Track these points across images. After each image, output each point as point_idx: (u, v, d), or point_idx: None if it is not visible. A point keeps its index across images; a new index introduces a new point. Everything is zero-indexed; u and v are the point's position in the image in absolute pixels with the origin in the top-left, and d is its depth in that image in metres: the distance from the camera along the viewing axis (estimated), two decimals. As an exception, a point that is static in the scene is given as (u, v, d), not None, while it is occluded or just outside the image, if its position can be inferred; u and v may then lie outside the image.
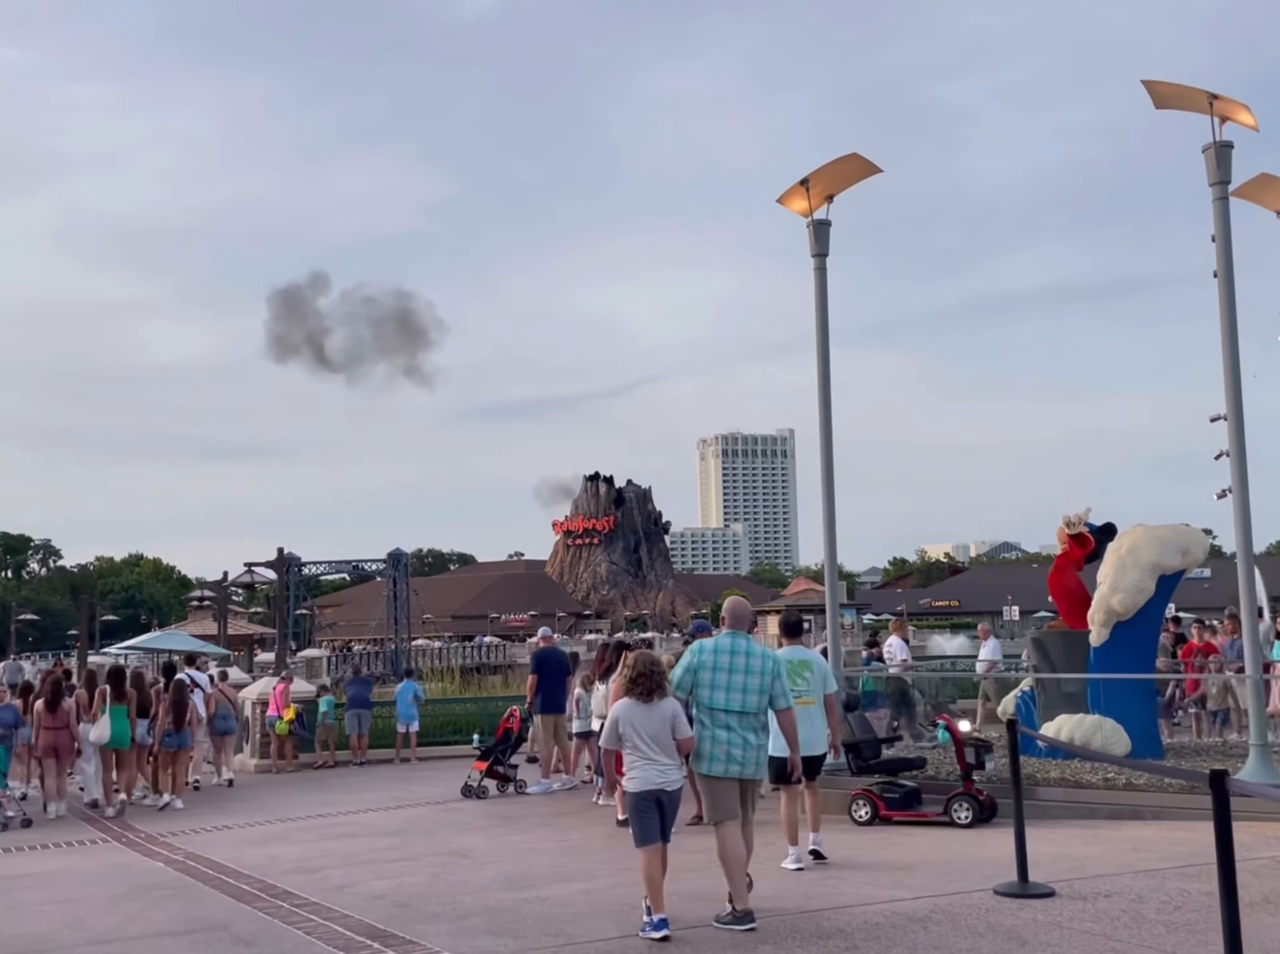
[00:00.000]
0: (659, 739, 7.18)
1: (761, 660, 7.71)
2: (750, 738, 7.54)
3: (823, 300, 13.05)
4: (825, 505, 12.89)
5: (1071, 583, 13.14)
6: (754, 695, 7.58)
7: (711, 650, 7.69)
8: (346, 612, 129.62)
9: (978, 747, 11.13)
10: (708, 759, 7.47)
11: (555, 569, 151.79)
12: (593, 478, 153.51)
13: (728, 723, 7.49)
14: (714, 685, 7.54)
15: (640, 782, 7.17)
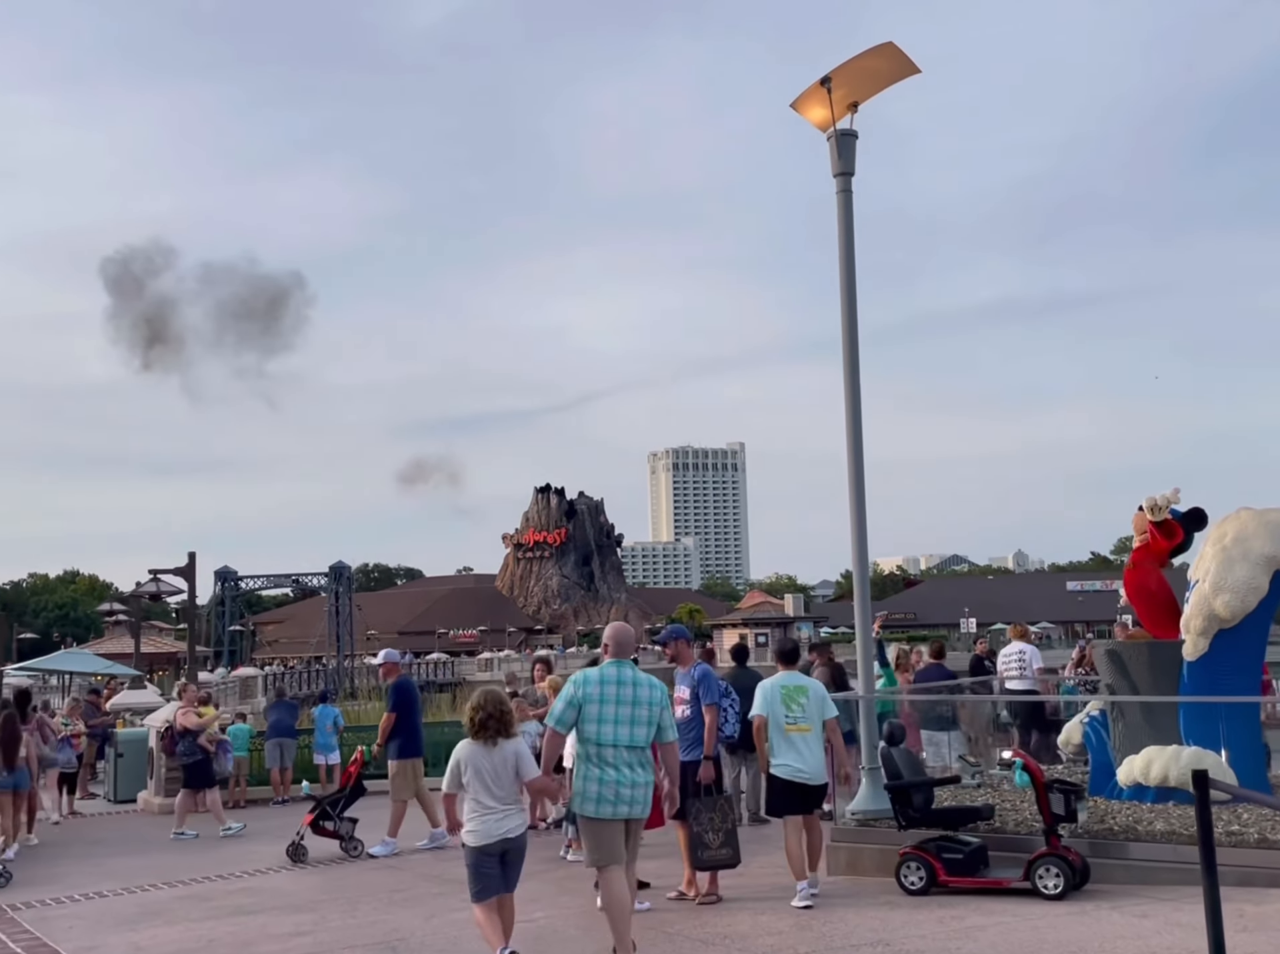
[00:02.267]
0: (502, 783, 6.92)
1: (649, 690, 7.34)
2: (639, 774, 7.17)
3: (848, 231, 10.51)
4: (853, 484, 10.32)
5: (1154, 582, 10.64)
6: (643, 728, 7.23)
7: (597, 681, 7.27)
8: (289, 628, 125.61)
9: (1068, 793, 8.56)
10: (594, 800, 7.07)
11: (505, 583, 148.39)
12: (543, 490, 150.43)
13: (616, 760, 7.11)
14: (601, 719, 7.16)
15: (480, 835, 6.85)
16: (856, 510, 10.47)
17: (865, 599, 10.42)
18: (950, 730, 13.06)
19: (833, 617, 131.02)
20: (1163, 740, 10.17)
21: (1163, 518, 10.39)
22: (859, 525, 10.48)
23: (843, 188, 10.46)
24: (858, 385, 10.56)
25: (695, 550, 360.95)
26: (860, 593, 10.46)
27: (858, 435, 10.50)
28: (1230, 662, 9.98)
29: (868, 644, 10.40)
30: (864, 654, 10.37)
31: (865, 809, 10.03)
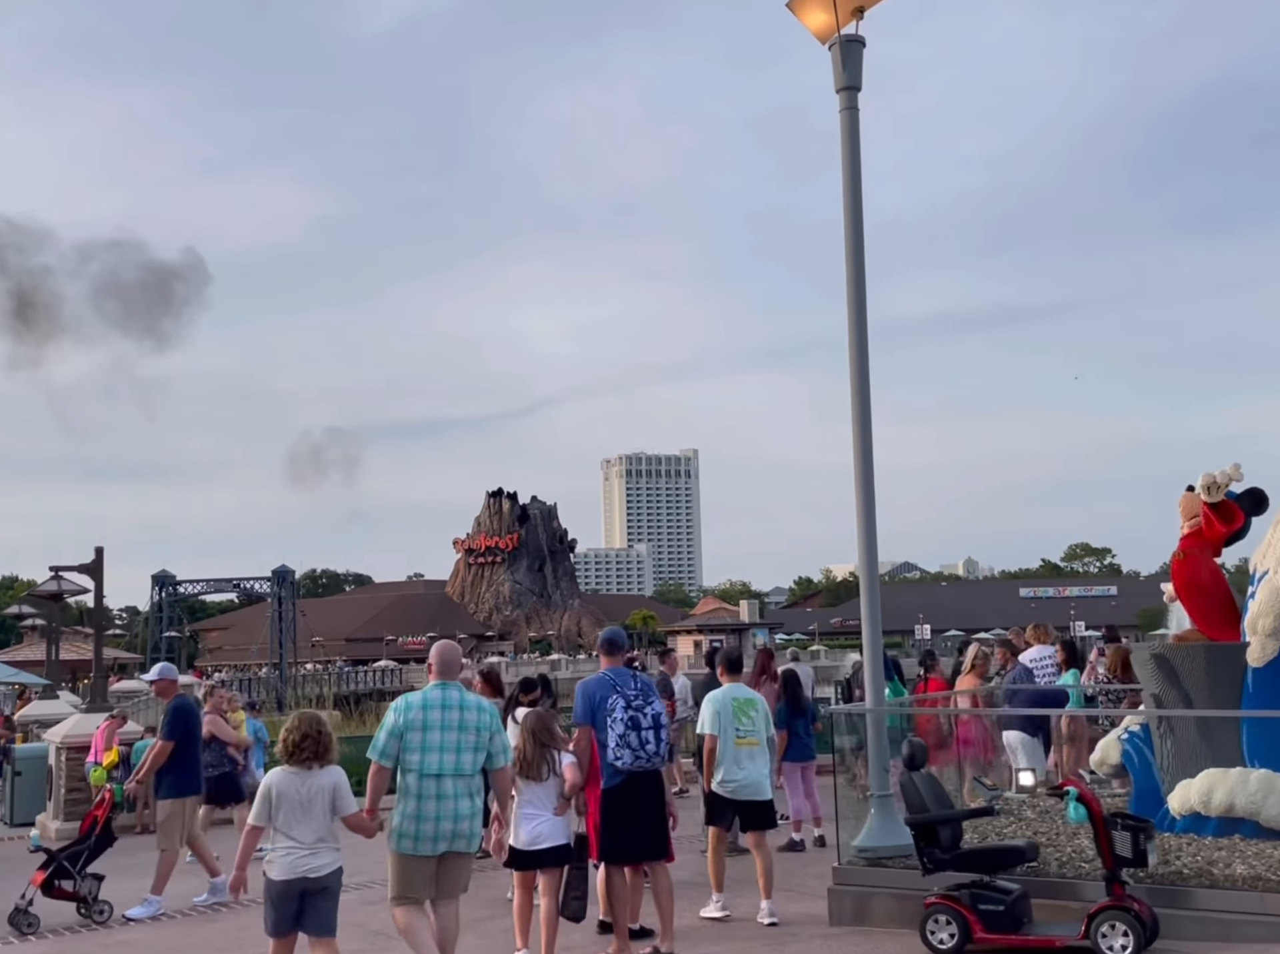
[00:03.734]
0: (313, 816, 6.42)
1: (478, 714, 7.05)
2: (464, 805, 6.86)
3: (853, 156, 8.89)
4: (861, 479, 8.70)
5: (1207, 574, 9.09)
6: (469, 754, 6.93)
7: (420, 706, 6.94)
8: (234, 635, 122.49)
9: (1135, 830, 6.95)
10: (411, 837, 6.72)
11: (456, 589, 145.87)
12: (495, 494, 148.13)
13: (439, 790, 6.78)
14: (425, 747, 6.82)
15: (282, 869, 6.36)
16: (865, 510, 8.87)
17: (875, 606, 8.79)
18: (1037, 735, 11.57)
19: (787, 623, 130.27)
20: (1222, 761, 8.62)
21: (1219, 499, 8.85)
22: (867, 526, 8.87)
23: (848, 104, 8.83)
24: (864, 341, 8.95)
25: (648, 557, 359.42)
26: (869, 599, 8.83)
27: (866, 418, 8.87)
28: (1305, 667, 8.46)
29: (876, 653, 8.76)
30: (872, 664, 8.73)
31: (875, 845, 8.39)
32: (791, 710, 12.19)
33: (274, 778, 6.48)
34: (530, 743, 7.72)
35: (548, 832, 7.60)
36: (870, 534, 8.92)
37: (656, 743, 8.01)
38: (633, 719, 8.06)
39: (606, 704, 8.13)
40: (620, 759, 8.04)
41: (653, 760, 8.01)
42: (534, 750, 7.68)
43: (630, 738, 8.01)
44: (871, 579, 8.89)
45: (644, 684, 8.26)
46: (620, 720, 8.06)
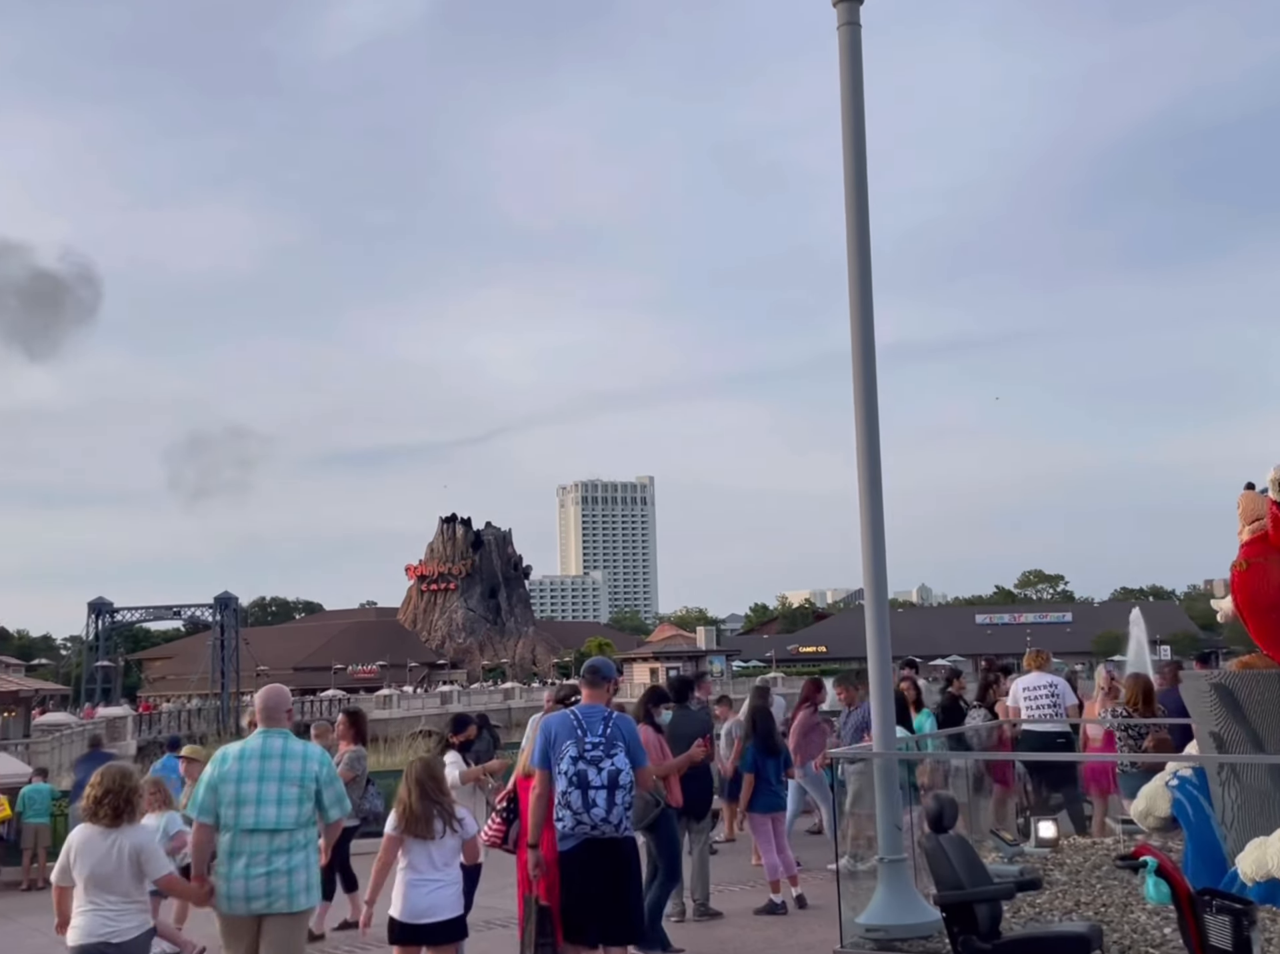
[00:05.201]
0: (117, 877, 5.90)
1: (303, 763, 6.31)
2: (280, 861, 6.10)
3: (855, 79, 7.40)
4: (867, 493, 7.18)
5: (1274, 588, 7.61)
6: (292, 807, 6.19)
7: (236, 756, 6.29)
8: (178, 665, 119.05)
9: (1235, 913, 5.40)
10: (225, 896, 6.10)
11: (408, 616, 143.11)
12: (449, 520, 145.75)
13: (253, 846, 6.10)
14: (239, 800, 6.16)
15: (81, 933, 5.89)
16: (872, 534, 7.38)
17: (884, 632, 7.23)
18: None
19: (744, 649, 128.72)
20: (1301, 814, 7.13)
21: (1292, 497, 7.38)
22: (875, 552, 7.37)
23: (848, 18, 7.35)
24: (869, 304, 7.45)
25: (604, 583, 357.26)
26: (877, 626, 7.28)
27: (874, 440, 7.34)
28: (1403, 701, 6.99)
29: (886, 687, 7.16)
30: (881, 699, 7.13)
31: (886, 924, 6.79)
32: (762, 751, 10.56)
33: (74, 836, 6.11)
34: (415, 795, 6.60)
35: (439, 902, 6.47)
36: (879, 559, 7.43)
37: (608, 806, 6.54)
38: (580, 775, 6.60)
39: (559, 750, 6.71)
40: (561, 821, 6.64)
41: (600, 827, 6.56)
42: (421, 804, 6.60)
43: (572, 797, 6.58)
44: (880, 605, 7.35)
45: (615, 731, 6.73)
46: (565, 774, 6.63)
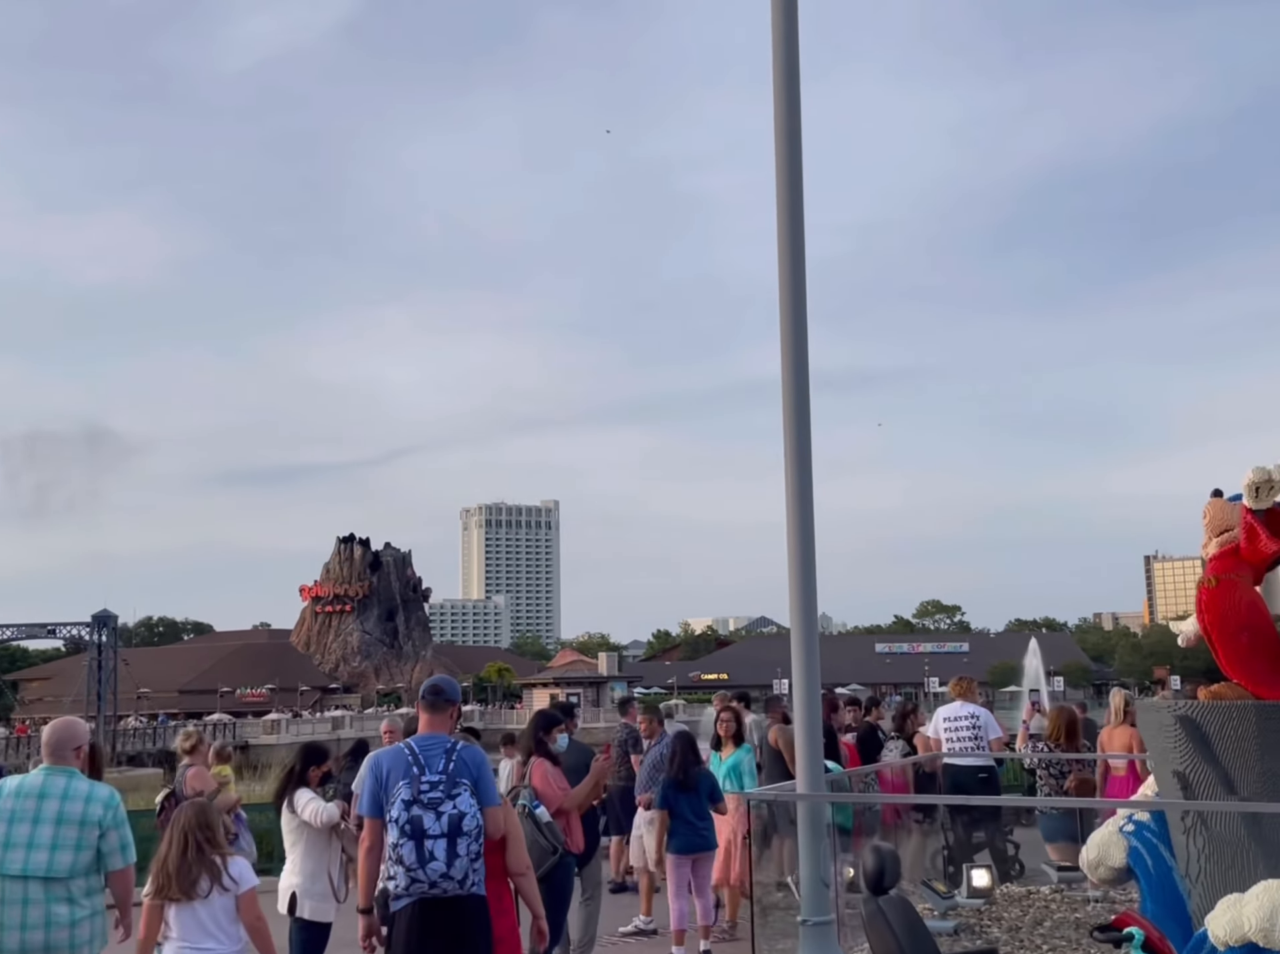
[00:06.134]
0: None
1: (84, 805, 5.73)
2: (57, 911, 5.54)
3: (789, 21, 6.35)
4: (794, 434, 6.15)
5: (1248, 608, 6.71)
6: (67, 853, 5.62)
7: (12, 794, 5.79)
8: (56, 685, 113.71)
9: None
10: None
11: (301, 639, 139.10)
12: (347, 540, 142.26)
13: (25, 894, 5.54)
14: (7, 842, 5.65)
15: None
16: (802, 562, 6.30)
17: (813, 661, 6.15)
18: None
19: (646, 676, 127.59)
20: (1275, 867, 6.20)
21: (1270, 504, 6.49)
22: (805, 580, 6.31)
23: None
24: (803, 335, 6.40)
25: (506, 608, 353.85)
26: (805, 655, 6.19)
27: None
28: (1395, 738, 6.11)
29: (814, 720, 6.04)
30: (808, 732, 6.01)
31: None
32: (676, 785, 9.36)
33: None
34: (179, 846, 5.61)
35: None
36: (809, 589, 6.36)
37: (448, 858, 5.34)
38: (413, 821, 5.41)
39: (390, 792, 5.53)
40: (393, 879, 5.44)
41: (439, 884, 5.36)
42: (181, 857, 5.58)
43: (404, 849, 5.38)
44: (810, 635, 6.27)
45: (460, 766, 5.55)
46: (396, 821, 5.43)
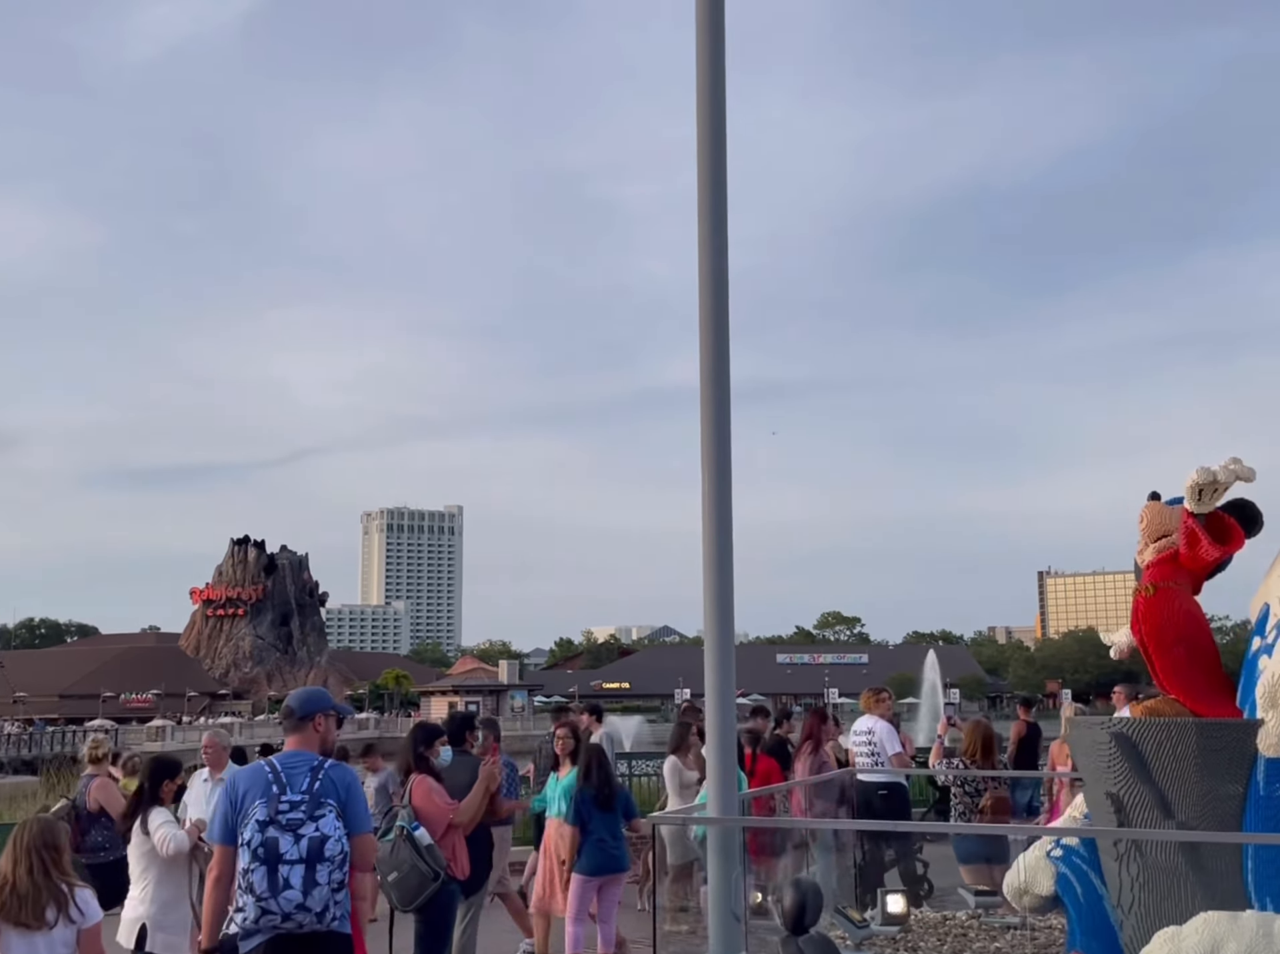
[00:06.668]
0: None
1: None
2: None
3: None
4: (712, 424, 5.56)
5: (1187, 618, 6.28)
6: None
7: None
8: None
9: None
10: None
11: (191, 643, 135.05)
12: (241, 542, 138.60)
13: None
14: None
15: None
16: (719, 571, 5.63)
17: (728, 668, 5.53)
18: None
19: (547, 685, 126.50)
20: (1217, 896, 5.77)
21: (1213, 509, 6.07)
22: (722, 577, 5.65)
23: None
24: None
25: (406, 614, 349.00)
26: (721, 667, 5.58)
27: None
28: (1345, 759, 5.71)
29: (728, 736, 5.41)
30: (721, 750, 5.38)
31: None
32: (593, 801, 8.64)
33: None
34: (24, 867, 4.93)
35: None
36: (725, 597, 5.73)
37: (306, 887, 4.66)
38: (268, 844, 4.73)
39: (245, 813, 4.88)
40: (241, 910, 4.75)
41: (294, 917, 4.67)
42: (29, 881, 4.91)
43: (255, 875, 4.70)
44: (725, 647, 5.64)
45: (326, 786, 4.86)
46: (248, 844, 4.76)
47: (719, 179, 5.83)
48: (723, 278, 5.82)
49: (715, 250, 5.76)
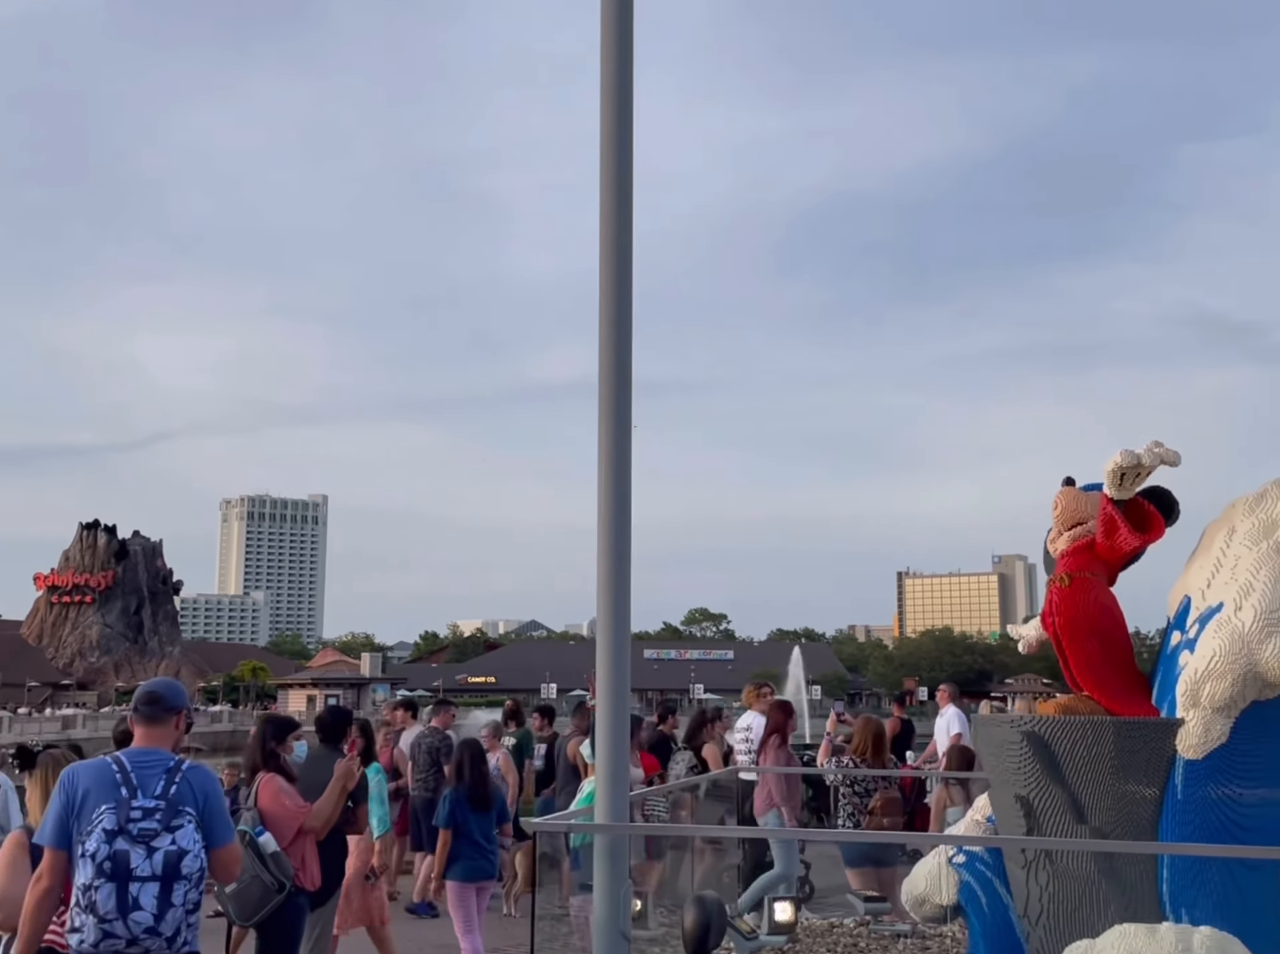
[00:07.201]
0: None
1: None
2: None
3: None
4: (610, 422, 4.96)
5: (1102, 611, 5.92)
6: None
7: None
8: None
9: None
10: None
11: (34, 630, 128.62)
12: (90, 526, 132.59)
13: None
14: None
15: None
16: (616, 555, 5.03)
17: (623, 666, 4.91)
18: None
19: (411, 678, 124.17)
20: (1131, 906, 5.41)
21: (1133, 495, 5.71)
22: (619, 573, 5.04)
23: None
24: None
25: (265, 605, 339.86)
26: (614, 658, 4.96)
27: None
28: (1264, 758, 5.41)
29: (620, 737, 4.78)
30: (613, 751, 4.75)
31: None
32: (466, 801, 7.91)
33: None
34: None
35: None
36: (622, 592, 5.11)
37: (159, 908, 3.96)
38: (117, 859, 3.99)
39: (87, 818, 4.11)
40: (78, 931, 4.00)
41: (142, 942, 3.97)
42: None
43: (101, 894, 3.96)
44: (620, 639, 5.02)
45: (184, 791, 4.22)
46: (91, 858, 4.01)
47: (624, 176, 5.30)
48: (626, 276, 5.27)
49: (619, 247, 5.22)
